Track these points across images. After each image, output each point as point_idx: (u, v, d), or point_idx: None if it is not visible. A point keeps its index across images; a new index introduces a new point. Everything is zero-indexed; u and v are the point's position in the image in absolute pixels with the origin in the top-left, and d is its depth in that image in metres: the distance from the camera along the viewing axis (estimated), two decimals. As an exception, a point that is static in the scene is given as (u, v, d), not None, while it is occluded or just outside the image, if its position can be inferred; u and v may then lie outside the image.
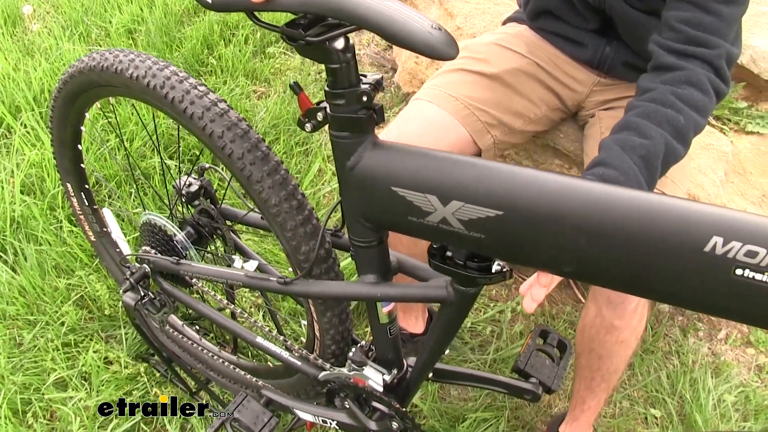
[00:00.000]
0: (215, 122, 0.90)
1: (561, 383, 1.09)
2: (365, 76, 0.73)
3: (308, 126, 0.78)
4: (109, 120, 2.15)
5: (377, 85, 0.72)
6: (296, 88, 0.77)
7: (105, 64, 1.01)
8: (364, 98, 0.71)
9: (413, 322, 1.64)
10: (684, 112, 0.96)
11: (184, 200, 1.22)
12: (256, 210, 1.03)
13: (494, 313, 1.79)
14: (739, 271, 0.56)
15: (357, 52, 2.73)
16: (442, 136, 1.21)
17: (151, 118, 2.15)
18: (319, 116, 0.76)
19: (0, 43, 2.51)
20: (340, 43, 0.69)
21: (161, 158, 2.06)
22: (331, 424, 1.10)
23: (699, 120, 0.98)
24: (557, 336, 1.17)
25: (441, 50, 0.59)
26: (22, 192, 1.91)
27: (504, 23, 1.50)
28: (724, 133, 2.05)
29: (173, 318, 1.48)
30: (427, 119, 1.22)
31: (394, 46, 2.57)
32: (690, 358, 1.76)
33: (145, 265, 1.21)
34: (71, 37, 2.60)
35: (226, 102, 0.94)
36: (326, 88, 0.73)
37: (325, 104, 0.76)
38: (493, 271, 0.77)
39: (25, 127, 2.12)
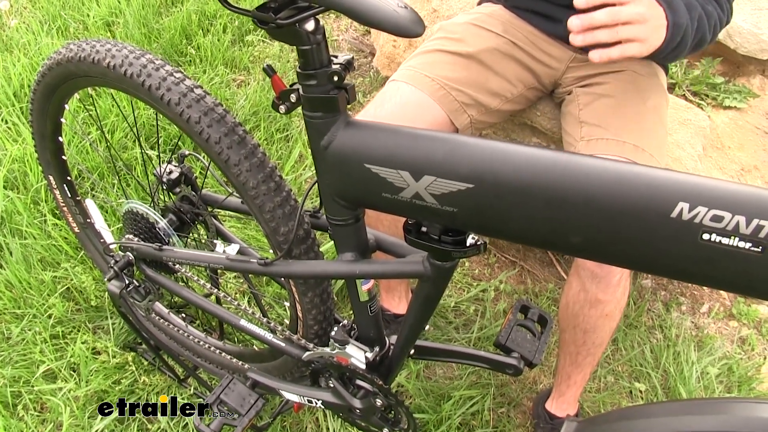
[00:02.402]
0: (192, 108, 0.91)
1: (542, 357, 1.11)
2: (336, 56, 0.74)
3: (282, 108, 0.79)
4: (90, 112, 2.14)
5: (348, 65, 0.73)
6: (269, 71, 0.78)
7: (82, 55, 1.01)
8: (335, 78, 0.72)
9: (396, 302, 1.66)
10: (710, 4, 1.11)
11: (165, 188, 1.22)
12: (236, 195, 1.04)
13: (477, 292, 1.81)
14: (705, 236, 0.58)
15: (336, 38, 2.73)
16: (419, 117, 1.22)
17: (131, 110, 2.15)
18: (293, 98, 0.77)
19: (-23, 39, 2.49)
20: (310, 25, 0.70)
21: (141, 147, 2.06)
22: (316, 403, 1.12)
23: (717, 24, 1.12)
24: (538, 310, 1.19)
25: (407, 28, 0.61)
26: (5, 187, 1.91)
27: (479, 3, 1.51)
28: (702, 108, 2.07)
29: (159, 306, 1.49)
30: (403, 100, 1.23)
31: (372, 31, 2.58)
32: (673, 332, 1.79)
33: (128, 253, 1.22)
34: (49, 31, 2.58)
35: (202, 88, 0.95)
36: (298, 70, 0.74)
37: (297, 86, 0.77)
38: (468, 244, 0.78)
39: (6, 122, 2.11)
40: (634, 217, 0.61)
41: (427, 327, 1.61)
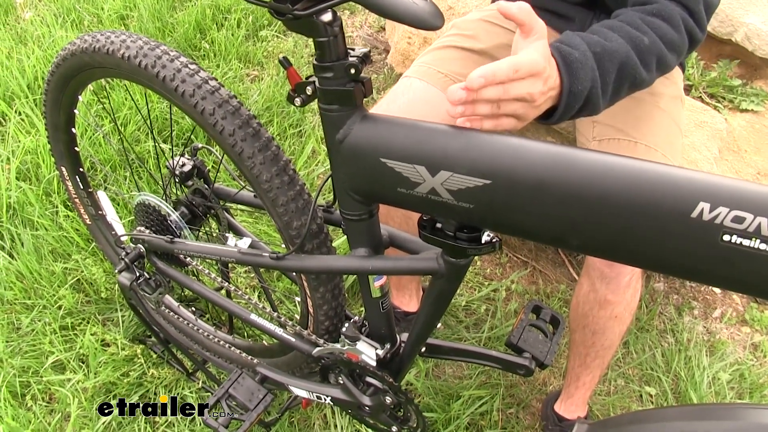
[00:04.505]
0: (206, 100, 0.91)
1: (554, 358, 1.10)
2: (353, 49, 0.73)
3: (298, 100, 0.78)
4: (104, 104, 2.15)
5: (365, 58, 0.72)
6: (285, 63, 0.78)
7: (97, 46, 1.01)
8: (352, 71, 0.71)
9: (407, 300, 1.65)
10: (649, 35, 0.92)
11: (177, 180, 1.22)
12: (249, 188, 1.03)
13: (489, 291, 1.80)
14: (726, 237, 0.57)
15: (350, 34, 2.72)
16: (431, 113, 1.21)
17: (144, 103, 2.15)
18: (308, 90, 0.76)
19: (-8, 31, 2.50)
20: (327, 16, 0.70)
21: (153, 139, 2.06)
22: (325, 400, 1.11)
23: (665, 51, 0.94)
24: (550, 311, 1.18)
25: (426, 20, 0.60)
26: (18, 178, 1.91)
27: (493, 1, 1.49)
28: (718, 110, 2.05)
29: (169, 299, 1.49)
30: (415, 96, 1.22)
31: (386, 28, 2.57)
32: (685, 336, 1.77)
33: (139, 245, 1.22)
34: (63, 24, 2.59)
35: (217, 80, 0.94)
36: (314, 62, 0.73)
37: (313, 78, 0.76)
38: (483, 241, 0.77)
39: (20, 114, 2.12)
40: (652, 216, 0.60)
41: (438, 325, 1.60)
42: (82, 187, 1.45)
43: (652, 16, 0.95)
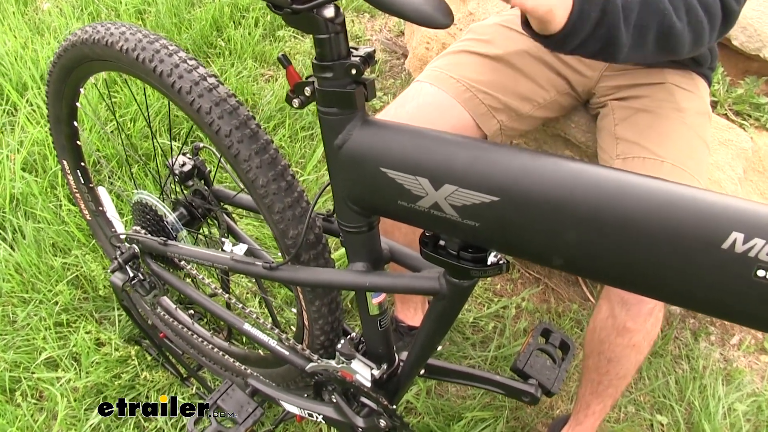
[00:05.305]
0: (203, 97, 0.86)
1: (561, 386, 1.03)
2: (356, 48, 0.68)
3: (296, 101, 0.73)
4: (105, 99, 2.12)
5: (368, 59, 0.67)
6: (284, 61, 0.73)
7: (96, 37, 0.98)
8: (353, 71, 0.66)
9: (411, 313, 1.59)
10: None
11: (177, 180, 1.18)
12: (247, 191, 0.98)
13: (498, 308, 1.73)
14: (761, 273, 0.50)
15: (369, 38, 2.68)
16: (441, 119, 1.16)
17: (152, 98, 2.12)
18: (307, 91, 0.71)
19: (10, 21, 2.48)
20: (329, 12, 0.64)
21: (153, 136, 2.02)
22: (317, 418, 1.06)
23: (695, 3, 0.85)
24: (560, 335, 1.12)
25: (432, 17, 0.54)
26: (24, 170, 1.89)
27: (513, 7, 1.44)
28: (744, 128, 1.97)
29: (166, 301, 1.44)
30: (425, 101, 1.17)
31: (405, 33, 2.52)
32: (700, 364, 1.70)
33: (134, 246, 1.18)
34: (81, 16, 2.57)
35: (216, 77, 0.90)
36: (314, 61, 0.68)
37: (313, 78, 0.71)
38: (489, 263, 0.71)
39: (31, 105, 2.10)
40: (678, 246, 0.53)
41: (439, 348, 1.54)
42: (83, 182, 1.42)
43: None
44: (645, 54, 0.86)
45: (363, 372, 0.94)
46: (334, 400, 1.02)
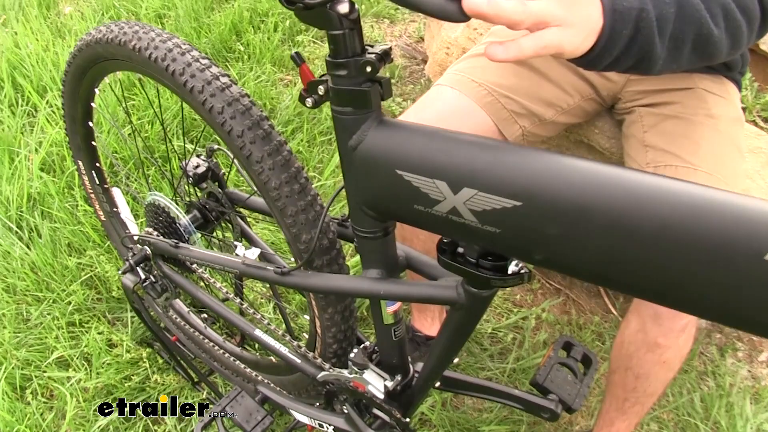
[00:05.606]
0: (216, 97, 0.84)
1: (583, 402, 0.99)
2: (372, 45, 0.65)
3: (309, 101, 0.70)
4: (131, 102, 2.12)
5: (384, 56, 0.64)
6: (297, 59, 0.70)
7: (110, 36, 0.96)
8: (368, 68, 0.63)
9: (428, 323, 1.55)
10: None
11: (190, 182, 1.16)
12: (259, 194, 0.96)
13: (517, 319, 1.69)
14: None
15: (389, 43, 2.65)
16: (462, 124, 1.12)
17: (174, 102, 2.11)
18: (321, 90, 0.68)
19: (32, 24, 2.50)
20: (343, 7, 0.61)
21: (166, 137, 2.01)
22: (327, 428, 1.02)
23: (732, 6, 0.80)
24: (582, 349, 1.07)
25: (449, 10, 0.51)
26: (42, 170, 1.89)
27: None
28: (776, 139, 1.91)
29: (179, 304, 1.42)
30: (445, 105, 1.13)
31: (425, 38, 2.49)
32: (727, 381, 1.64)
33: (146, 247, 1.16)
34: (101, 20, 2.59)
35: (229, 77, 0.87)
36: (327, 58, 0.65)
37: (327, 77, 0.68)
38: (510, 272, 0.67)
39: (51, 106, 2.10)
40: (717, 256, 0.49)
41: (456, 360, 1.50)
42: (98, 182, 1.41)
43: None
44: (680, 64, 0.82)
45: (376, 383, 0.91)
46: (346, 411, 0.98)
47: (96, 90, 1.18)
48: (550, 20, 0.62)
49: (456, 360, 1.53)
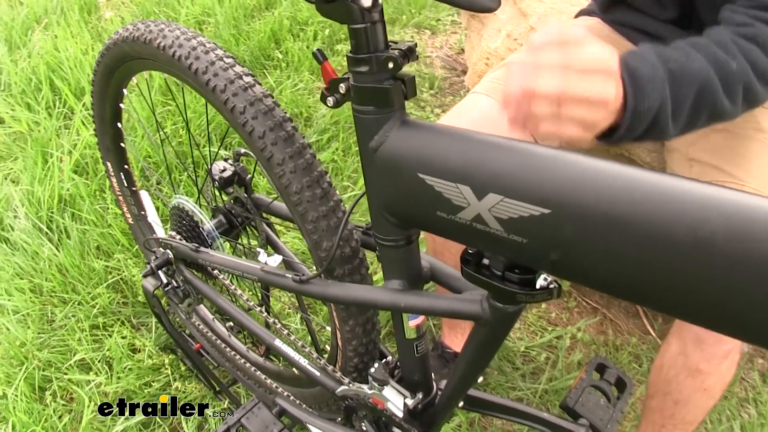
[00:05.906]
0: (238, 96, 0.81)
1: (615, 428, 0.93)
2: (395, 42, 0.61)
3: (330, 100, 0.67)
4: (168, 107, 2.12)
5: (408, 53, 0.60)
6: (319, 56, 0.67)
7: (136, 34, 0.95)
8: (390, 64, 0.59)
9: (459, 340, 1.50)
10: (738, 60, 0.78)
11: (216, 186, 1.14)
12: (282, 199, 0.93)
13: (551, 338, 1.62)
14: None
15: (429, 54, 2.62)
16: (497, 133, 1.07)
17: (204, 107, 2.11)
18: (342, 88, 0.65)
19: (73, 28, 2.55)
20: (366, 1, 0.58)
21: (191, 140, 2.00)
22: (345, 445, 0.98)
23: (754, 81, 0.79)
24: (616, 372, 1.01)
25: (478, 1, 0.47)
26: (75, 172, 1.90)
27: (576, 17, 1.35)
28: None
29: (203, 310, 1.40)
30: (481, 113, 1.09)
31: (465, 48, 2.45)
32: (769, 409, 1.55)
33: (168, 251, 1.14)
34: (142, 25, 2.62)
35: (254, 76, 0.85)
36: (348, 54, 0.62)
37: (349, 74, 0.64)
38: (538, 286, 0.62)
39: (87, 109, 2.13)
40: None
41: (480, 378, 1.44)
42: (126, 185, 1.40)
43: (745, 39, 0.80)
44: (692, 131, 0.83)
45: (395, 400, 0.86)
46: (364, 429, 0.94)
47: (124, 90, 1.17)
48: None
49: (480, 379, 1.47)
